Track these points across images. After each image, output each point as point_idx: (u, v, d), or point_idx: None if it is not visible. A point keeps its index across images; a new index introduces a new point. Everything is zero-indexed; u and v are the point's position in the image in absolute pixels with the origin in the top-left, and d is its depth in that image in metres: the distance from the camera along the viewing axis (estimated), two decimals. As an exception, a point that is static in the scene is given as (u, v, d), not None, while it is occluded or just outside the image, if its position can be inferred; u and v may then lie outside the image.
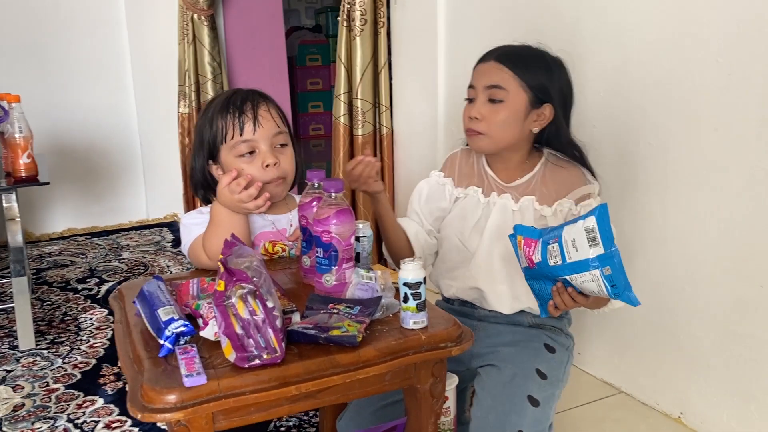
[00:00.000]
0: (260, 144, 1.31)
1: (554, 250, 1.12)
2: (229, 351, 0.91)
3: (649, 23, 1.62)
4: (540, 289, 1.22)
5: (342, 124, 2.64)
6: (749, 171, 1.45)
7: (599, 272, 1.08)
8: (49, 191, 3.42)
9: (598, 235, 1.07)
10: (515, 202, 1.36)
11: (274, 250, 1.36)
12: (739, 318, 1.51)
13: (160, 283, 1.11)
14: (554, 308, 1.21)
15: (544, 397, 1.28)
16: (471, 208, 1.41)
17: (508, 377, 1.30)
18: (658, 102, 1.62)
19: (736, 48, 1.43)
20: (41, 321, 2.31)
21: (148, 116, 3.61)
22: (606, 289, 1.09)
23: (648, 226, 1.69)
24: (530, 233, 1.18)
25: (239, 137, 1.30)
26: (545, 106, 1.34)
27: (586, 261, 1.09)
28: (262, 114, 1.32)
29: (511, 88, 1.32)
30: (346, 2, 2.56)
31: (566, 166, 1.38)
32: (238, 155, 1.31)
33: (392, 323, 1.05)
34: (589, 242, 1.08)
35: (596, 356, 1.91)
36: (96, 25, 3.47)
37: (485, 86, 1.33)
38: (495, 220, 1.37)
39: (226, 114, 1.31)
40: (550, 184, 1.36)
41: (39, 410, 1.73)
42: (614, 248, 1.08)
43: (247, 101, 1.32)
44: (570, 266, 1.11)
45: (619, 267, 1.08)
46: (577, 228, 1.09)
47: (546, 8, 1.91)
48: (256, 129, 1.31)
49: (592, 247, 1.08)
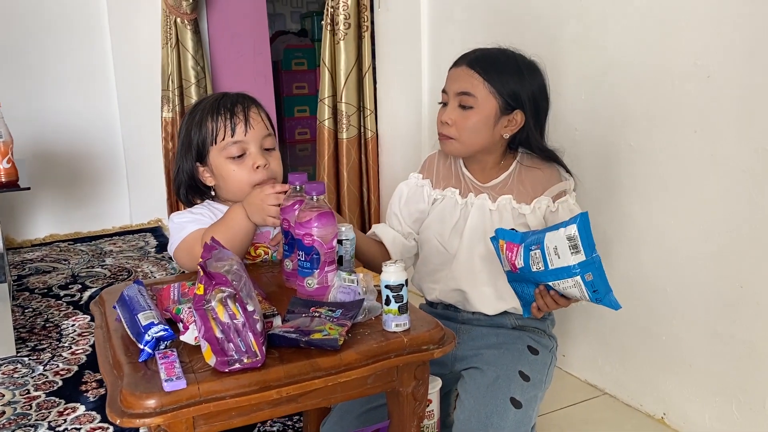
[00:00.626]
0: (250, 146, 1.31)
1: (536, 257, 1.14)
2: (209, 355, 0.91)
3: (629, 26, 1.63)
4: (523, 292, 1.23)
5: (326, 128, 2.64)
6: (729, 172, 1.46)
7: (581, 278, 1.11)
8: (32, 197, 3.39)
9: (580, 243, 1.09)
10: (492, 201, 1.37)
11: (256, 252, 1.35)
12: (720, 318, 1.53)
13: (141, 288, 1.10)
14: (537, 310, 1.23)
15: (527, 399, 1.28)
16: (449, 210, 1.41)
17: (490, 379, 1.30)
18: (638, 104, 1.63)
19: (714, 50, 1.45)
20: (22, 328, 2.28)
21: (131, 121, 3.59)
22: (588, 294, 1.12)
23: (629, 228, 1.70)
24: (512, 237, 1.19)
25: (230, 138, 1.30)
26: (516, 112, 1.34)
27: (568, 268, 1.11)
28: (253, 116, 1.32)
29: (480, 95, 1.32)
30: (329, 6, 2.57)
31: (540, 164, 1.38)
32: (229, 157, 1.31)
33: (374, 326, 1.05)
34: (570, 250, 1.10)
35: (580, 358, 1.92)
36: (79, 29, 3.44)
37: (456, 92, 1.34)
38: (473, 221, 1.37)
39: (217, 116, 1.31)
40: (526, 183, 1.37)
41: (19, 418, 1.71)
42: (595, 255, 1.10)
43: (238, 103, 1.33)
44: (552, 272, 1.13)
45: (600, 273, 1.10)
46: (558, 235, 1.11)
47: (528, 12, 1.92)
48: (248, 130, 1.31)
49: (574, 255, 1.10)
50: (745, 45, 1.39)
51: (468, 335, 1.41)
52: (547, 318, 1.46)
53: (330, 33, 2.58)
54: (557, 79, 1.82)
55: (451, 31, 2.26)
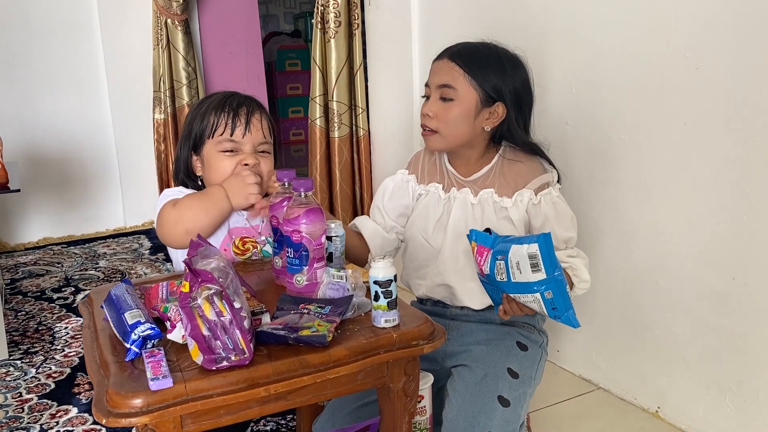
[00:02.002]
0: (245, 147, 1.34)
1: (501, 267, 1.15)
2: (196, 353, 0.90)
3: (618, 19, 1.63)
4: (492, 292, 1.25)
5: (318, 127, 2.63)
6: (718, 163, 1.46)
7: (540, 295, 1.12)
8: (24, 200, 3.37)
9: (540, 262, 1.10)
10: (474, 195, 1.36)
11: (244, 247, 1.35)
12: (712, 310, 1.53)
13: (129, 287, 1.09)
14: (503, 313, 1.23)
15: (515, 396, 1.28)
16: (432, 205, 1.41)
17: (478, 377, 1.30)
18: (628, 97, 1.63)
19: (703, 42, 1.45)
20: (15, 331, 2.27)
21: (123, 123, 3.57)
22: (546, 310, 1.14)
23: (621, 221, 1.70)
24: (484, 240, 1.20)
25: (228, 136, 1.33)
26: (497, 104, 1.33)
27: (529, 284, 1.12)
28: (254, 122, 1.35)
29: (460, 87, 1.32)
30: (319, 4, 2.56)
31: (523, 157, 1.38)
32: (222, 150, 1.34)
33: (364, 322, 1.04)
34: (531, 267, 1.11)
35: (573, 353, 1.92)
36: (69, 31, 3.42)
37: (437, 85, 1.34)
38: (456, 216, 1.37)
39: (221, 112, 1.34)
40: (508, 176, 1.36)
41: (12, 421, 1.70)
42: (558, 273, 1.11)
43: (244, 105, 1.36)
44: (514, 285, 1.14)
45: (561, 291, 1.12)
46: (521, 251, 1.12)
47: (517, 7, 1.91)
48: (245, 134, 1.34)
49: (535, 272, 1.11)
50: (734, 36, 1.39)
51: (457, 331, 1.40)
52: (537, 314, 1.45)
53: (320, 31, 2.57)
54: (546, 73, 1.82)
55: (442, 29, 2.26)
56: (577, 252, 1.35)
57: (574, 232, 1.35)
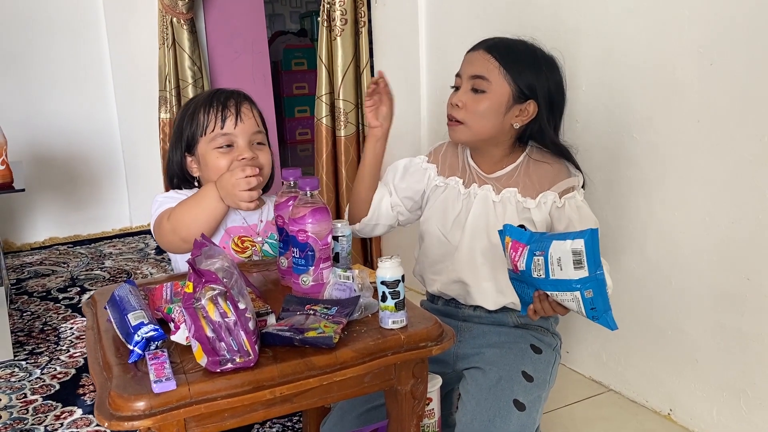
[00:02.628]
0: (239, 139, 1.34)
1: (539, 263, 1.11)
2: (200, 355, 0.88)
3: (630, 15, 1.60)
4: (522, 292, 1.21)
5: (324, 126, 2.61)
6: (732, 162, 1.43)
7: (580, 294, 1.08)
8: (30, 200, 3.37)
9: (585, 259, 1.06)
10: (496, 193, 1.34)
11: (243, 245, 1.34)
12: (726, 311, 1.50)
13: (132, 288, 1.07)
14: (533, 312, 1.19)
15: (530, 400, 1.25)
16: (452, 200, 1.38)
17: (493, 381, 1.27)
18: (641, 94, 1.60)
19: (717, 38, 1.42)
20: (20, 331, 2.26)
21: (129, 122, 3.57)
22: (585, 310, 1.09)
23: (633, 220, 1.67)
24: (519, 236, 1.15)
25: (220, 130, 1.33)
26: (529, 102, 1.31)
27: (569, 281, 1.08)
28: (244, 111, 1.35)
29: (494, 80, 1.29)
30: (326, 2, 2.54)
31: (549, 159, 1.35)
32: (216, 147, 1.33)
33: (371, 323, 1.02)
34: (574, 264, 1.07)
35: (584, 354, 1.89)
36: (75, 31, 3.42)
37: (470, 75, 1.31)
38: (476, 213, 1.34)
39: (209, 108, 1.34)
40: (533, 176, 1.33)
41: (16, 422, 1.69)
42: (600, 272, 1.07)
43: (231, 98, 1.36)
44: (552, 282, 1.10)
45: (601, 291, 1.08)
46: (564, 247, 1.08)
47: (526, 4, 1.89)
48: (237, 124, 1.33)
49: (577, 270, 1.07)
50: (749, 32, 1.36)
51: (469, 333, 1.38)
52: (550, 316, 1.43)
53: (326, 29, 2.55)
54: (557, 70, 1.80)
55: (450, 26, 2.24)
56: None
57: None
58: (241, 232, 1.35)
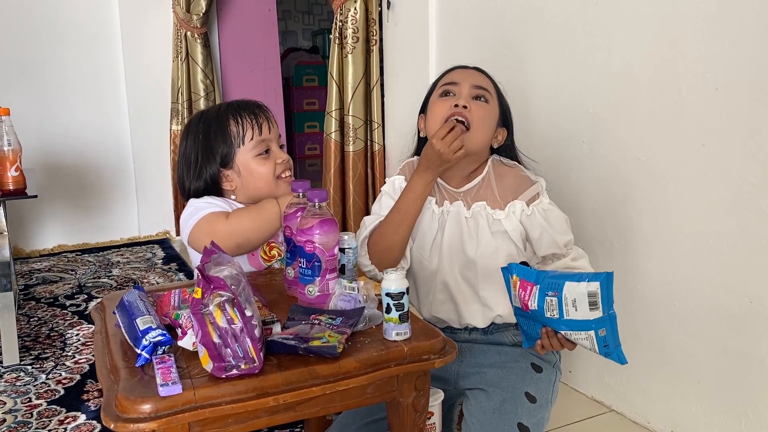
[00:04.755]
0: (272, 144, 1.38)
1: (552, 304, 1.13)
2: (206, 360, 0.90)
3: (636, 38, 1.63)
4: (528, 328, 1.23)
5: (333, 141, 2.64)
6: (736, 185, 1.44)
7: (594, 333, 1.12)
8: (41, 207, 3.41)
9: (600, 300, 1.09)
10: (467, 209, 1.35)
11: (271, 254, 1.36)
12: (729, 334, 1.50)
13: (141, 294, 1.09)
14: (541, 348, 1.21)
15: (534, 423, 1.26)
16: (427, 222, 1.38)
17: (497, 403, 1.28)
18: (646, 117, 1.62)
19: (722, 63, 1.44)
20: (27, 336, 2.28)
21: (141, 133, 3.61)
22: (598, 347, 1.13)
23: (637, 242, 1.68)
24: (527, 275, 1.17)
25: (259, 136, 1.36)
26: (502, 129, 1.38)
27: (585, 322, 1.11)
28: (271, 117, 1.41)
29: (492, 97, 1.35)
30: (338, 20, 2.58)
31: (510, 167, 1.38)
32: (257, 155, 1.36)
33: (375, 335, 1.03)
34: (590, 306, 1.10)
35: (586, 374, 1.89)
36: (91, 42, 3.48)
37: (473, 84, 1.33)
38: (450, 233, 1.35)
39: (241, 118, 1.36)
40: (498, 187, 1.36)
41: (20, 426, 1.70)
42: (612, 311, 1.11)
43: (256, 107, 1.40)
44: (566, 323, 1.13)
45: (613, 329, 1.12)
46: (579, 289, 1.10)
47: (536, 25, 1.92)
48: (271, 128, 1.38)
49: (592, 311, 1.10)
50: (754, 57, 1.38)
51: (469, 353, 1.39)
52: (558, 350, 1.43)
53: (338, 47, 2.59)
54: (563, 91, 1.82)
55: (459, 46, 2.27)
56: (577, 252, 1.35)
57: (570, 234, 1.35)
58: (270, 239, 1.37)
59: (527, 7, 1.95)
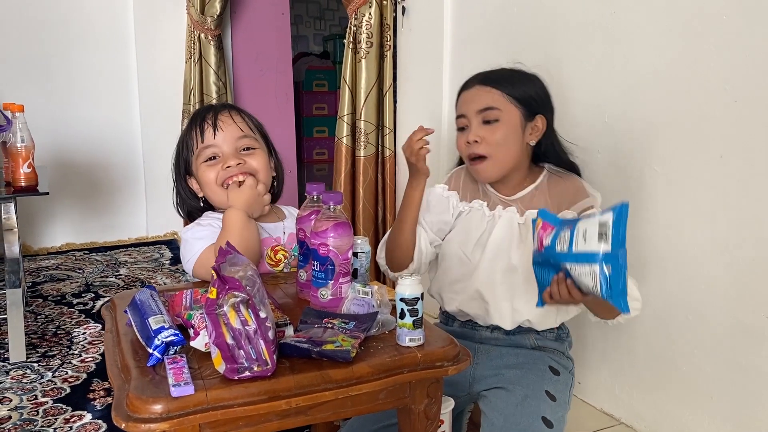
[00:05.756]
0: (222, 148, 1.35)
1: (564, 237, 1.11)
2: (218, 362, 0.89)
3: (656, 49, 1.62)
4: (542, 277, 1.20)
5: (344, 145, 2.63)
6: (755, 199, 1.43)
7: (599, 267, 1.06)
8: (50, 205, 3.42)
9: (610, 232, 1.05)
10: (521, 215, 1.35)
11: (276, 257, 1.35)
12: (743, 349, 1.48)
13: (153, 293, 1.09)
14: (549, 296, 1.18)
15: (557, 419, 1.26)
16: (476, 222, 1.39)
17: (519, 398, 1.27)
18: (663, 129, 1.61)
19: (743, 75, 1.43)
20: (34, 334, 2.28)
21: (152, 134, 3.62)
22: (600, 285, 1.06)
23: (651, 254, 1.67)
24: (552, 220, 1.17)
25: (201, 144, 1.35)
26: (537, 117, 1.36)
27: (590, 254, 1.07)
28: (223, 119, 1.36)
29: (503, 107, 1.33)
30: (352, 25, 2.58)
31: (567, 177, 1.38)
32: (203, 161, 1.36)
33: (388, 340, 1.02)
34: (599, 236, 1.06)
35: (596, 386, 1.87)
36: (105, 42, 3.50)
37: (477, 110, 1.34)
38: (499, 234, 1.35)
39: (192, 126, 1.38)
40: (553, 196, 1.36)
41: (25, 423, 1.69)
42: (622, 250, 1.05)
43: (210, 111, 1.38)
44: (573, 255, 1.09)
45: (620, 271, 1.06)
46: (592, 220, 1.08)
47: (552, 33, 1.91)
48: (216, 133, 1.35)
49: (601, 242, 1.06)
50: (774, 70, 1.37)
51: (486, 355, 1.38)
52: (565, 340, 1.43)
53: (352, 51, 2.59)
54: (579, 101, 1.81)
55: (474, 54, 2.26)
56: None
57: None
58: (272, 243, 1.37)
59: (544, 16, 1.94)
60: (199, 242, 1.32)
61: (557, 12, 1.89)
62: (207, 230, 1.33)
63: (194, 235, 1.34)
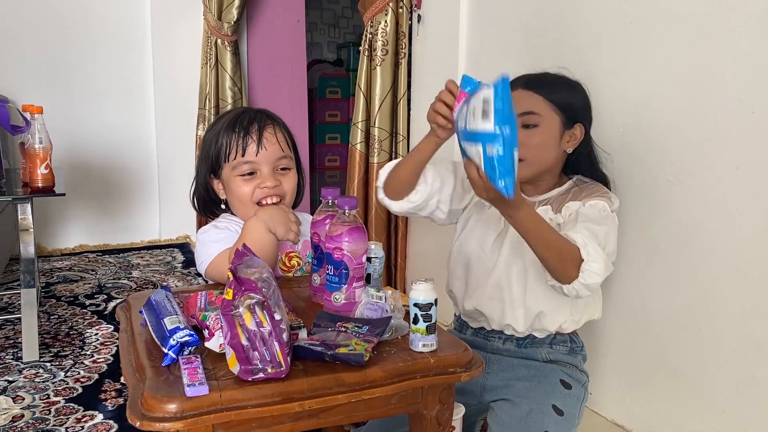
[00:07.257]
0: (262, 166, 1.33)
1: (463, 113, 1.03)
2: (233, 363, 0.89)
3: (671, 59, 1.61)
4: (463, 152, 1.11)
5: (358, 152, 2.64)
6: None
7: (482, 148, 0.98)
8: (64, 207, 3.45)
9: (492, 109, 0.96)
10: None
11: (290, 263, 1.36)
12: (757, 363, 1.47)
13: (168, 294, 1.10)
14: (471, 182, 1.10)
15: None
16: (495, 220, 1.39)
17: (524, 412, 1.26)
18: (678, 138, 1.60)
19: (759, 86, 1.42)
20: (47, 334, 2.30)
21: (166, 138, 3.65)
22: (484, 166, 0.99)
23: (663, 263, 1.66)
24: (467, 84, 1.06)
25: (241, 158, 1.32)
26: (576, 126, 1.35)
27: (476, 134, 0.99)
28: (267, 137, 1.33)
29: (543, 112, 1.33)
30: (368, 32, 2.60)
31: (592, 184, 1.39)
32: (239, 174, 1.33)
33: (401, 345, 1.03)
34: (482, 114, 0.97)
35: (608, 397, 1.86)
36: (122, 46, 3.54)
37: (518, 114, 1.32)
38: (515, 233, 1.35)
39: (232, 133, 1.33)
40: (570, 199, 1.36)
41: (38, 422, 1.71)
42: (507, 126, 0.95)
43: (255, 122, 1.34)
44: (464, 133, 1.02)
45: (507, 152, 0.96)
46: (480, 95, 0.99)
47: (567, 42, 1.91)
48: (259, 151, 1.32)
49: (483, 120, 0.97)
50: (792, 82, 1.36)
51: (498, 365, 1.37)
52: (579, 353, 1.42)
53: (367, 59, 2.60)
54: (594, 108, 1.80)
55: (488, 62, 2.27)
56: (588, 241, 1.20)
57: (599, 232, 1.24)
58: (287, 248, 1.37)
59: (558, 26, 1.94)
60: (214, 245, 1.32)
61: (573, 21, 1.89)
62: (223, 233, 1.34)
63: (210, 238, 1.34)
